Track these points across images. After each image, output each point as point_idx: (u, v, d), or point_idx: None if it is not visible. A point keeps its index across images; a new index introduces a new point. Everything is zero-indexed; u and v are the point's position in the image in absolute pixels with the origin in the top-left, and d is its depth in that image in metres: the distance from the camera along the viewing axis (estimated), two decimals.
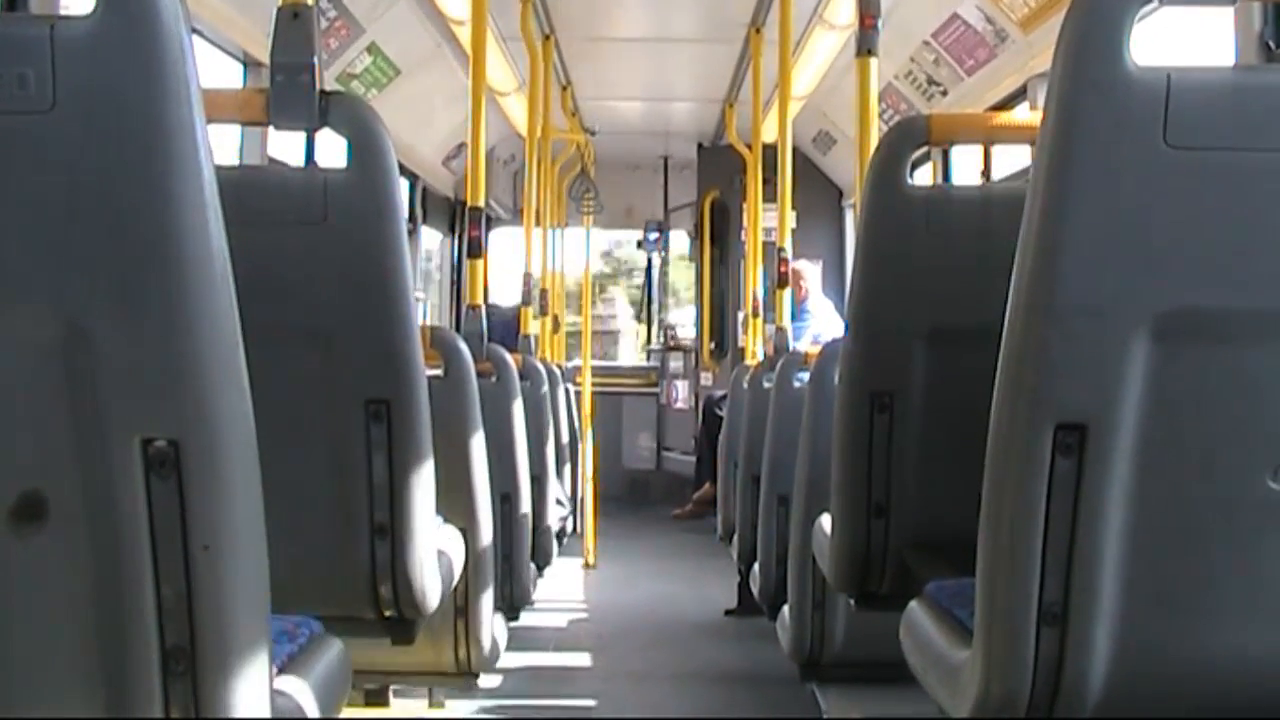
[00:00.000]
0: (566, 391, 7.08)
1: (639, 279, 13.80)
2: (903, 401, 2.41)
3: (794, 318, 6.47)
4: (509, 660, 3.85)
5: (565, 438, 6.51)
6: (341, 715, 1.82)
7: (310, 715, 1.64)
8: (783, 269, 5.94)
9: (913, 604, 2.03)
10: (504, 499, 4.08)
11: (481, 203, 4.71)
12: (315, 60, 2.15)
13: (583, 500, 8.11)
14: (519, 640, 5.05)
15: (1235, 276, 1.48)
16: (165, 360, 1.30)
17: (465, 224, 4.81)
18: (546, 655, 5.48)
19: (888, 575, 2.48)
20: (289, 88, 2.15)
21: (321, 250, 2.17)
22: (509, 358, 4.14)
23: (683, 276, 12.70)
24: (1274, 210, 1.46)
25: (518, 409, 4.11)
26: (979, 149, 6.06)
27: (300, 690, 1.63)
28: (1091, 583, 1.51)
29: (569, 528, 6.98)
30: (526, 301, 6.81)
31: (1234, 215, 1.47)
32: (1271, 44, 3.38)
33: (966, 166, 6.81)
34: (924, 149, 2.52)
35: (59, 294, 1.29)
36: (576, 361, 9.56)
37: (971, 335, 1.89)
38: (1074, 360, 1.47)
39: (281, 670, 1.63)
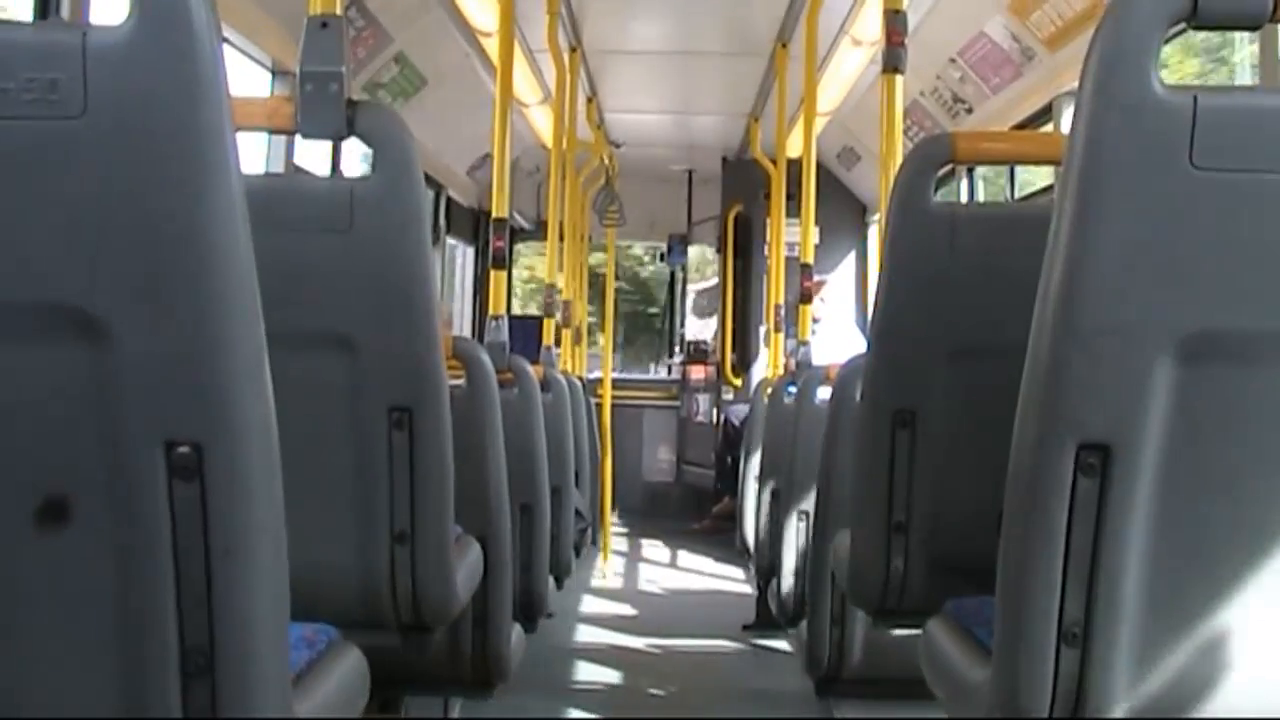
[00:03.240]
0: (588, 403, 7.09)
1: None
2: (924, 419, 2.40)
3: None
4: (525, 671, 3.85)
5: (585, 449, 6.52)
6: None
7: None
8: (805, 284, 5.93)
9: (931, 622, 2.02)
10: (524, 509, 4.08)
11: (505, 213, 4.72)
12: (344, 70, 2.16)
13: (602, 512, 8.10)
14: (535, 650, 5.06)
15: (1261, 299, 1.47)
16: (190, 365, 1.31)
17: (489, 234, 4.82)
18: (563, 666, 5.48)
19: (907, 592, 2.47)
20: (317, 97, 2.16)
21: (346, 258, 2.18)
22: (530, 368, 4.15)
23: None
24: None
25: (538, 420, 4.12)
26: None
27: (318, 697, 1.63)
28: (1113, 604, 1.51)
29: (587, 539, 6.99)
30: (549, 313, 6.82)
31: (1260, 237, 1.46)
32: None
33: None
34: (949, 167, 2.51)
35: (88, 297, 1.30)
36: (598, 373, 9.57)
37: (994, 353, 1.89)
38: (1097, 381, 1.47)
39: (299, 677, 1.63)
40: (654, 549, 9.39)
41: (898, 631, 2.59)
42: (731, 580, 8.04)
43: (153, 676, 1.35)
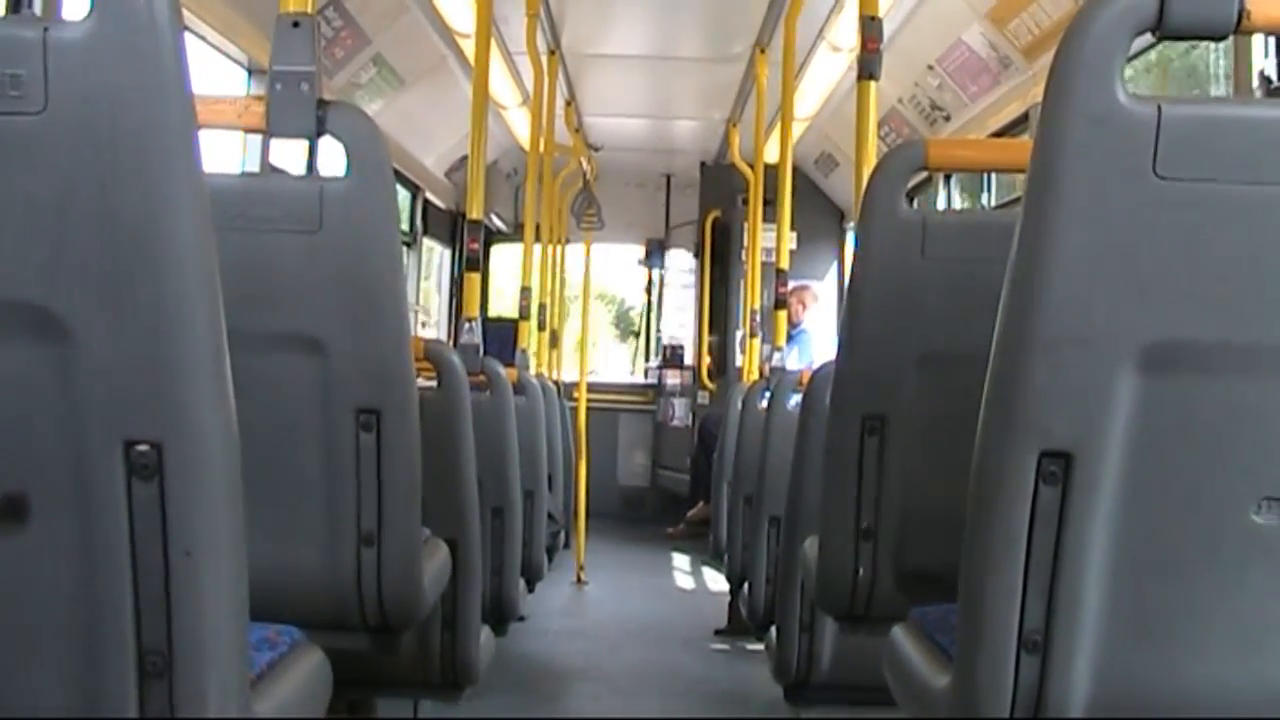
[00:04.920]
0: (562, 407, 7.09)
1: None
2: (894, 425, 2.40)
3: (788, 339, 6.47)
4: (496, 674, 3.85)
5: (560, 453, 6.53)
6: None
7: None
8: (780, 290, 5.93)
9: (896, 629, 2.02)
10: (495, 513, 4.08)
11: (480, 215, 4.71)
12: (315, 69, 2.15)
13: (575, 516, 8.10)
14: (506, 654, 5.05)
15: (1224, 309, 1.48)
16: (150, 363, 1.31)
17: (465, 236, 4.81)
18: (534, 670, 5.47)
19: (875, 599, 2.48)
20: (288, 96, 2.15)
21: (317, 259, 2.17)
22: (503, 371, 4.14)
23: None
24: (1264, 243, 1.47)
25: (511, 423, 4.11)
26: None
27: (278, 697, 1.62)
28: (1073, 611, 1.51)
29: (560, 543, 6.98)
30: (524, 315, 6.82)
31: (1223, 248, 1.47)
32: (1273, 78, 3.39)
33: None
34: (924, 174, 2.51)
35: (47, 295, 1.29)
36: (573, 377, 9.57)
37: (963, 361, 1.89)
38: (1059, 389, 1.47)
39: (260, 677, 1.62)
40: (627, 553, 9.39)
41: (867, 638, 2.59)
42: (704, 585, 8.04)
43: (110, 677, 1.35)
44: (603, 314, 15.64)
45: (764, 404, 4.84)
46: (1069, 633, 1.51)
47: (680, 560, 9.07)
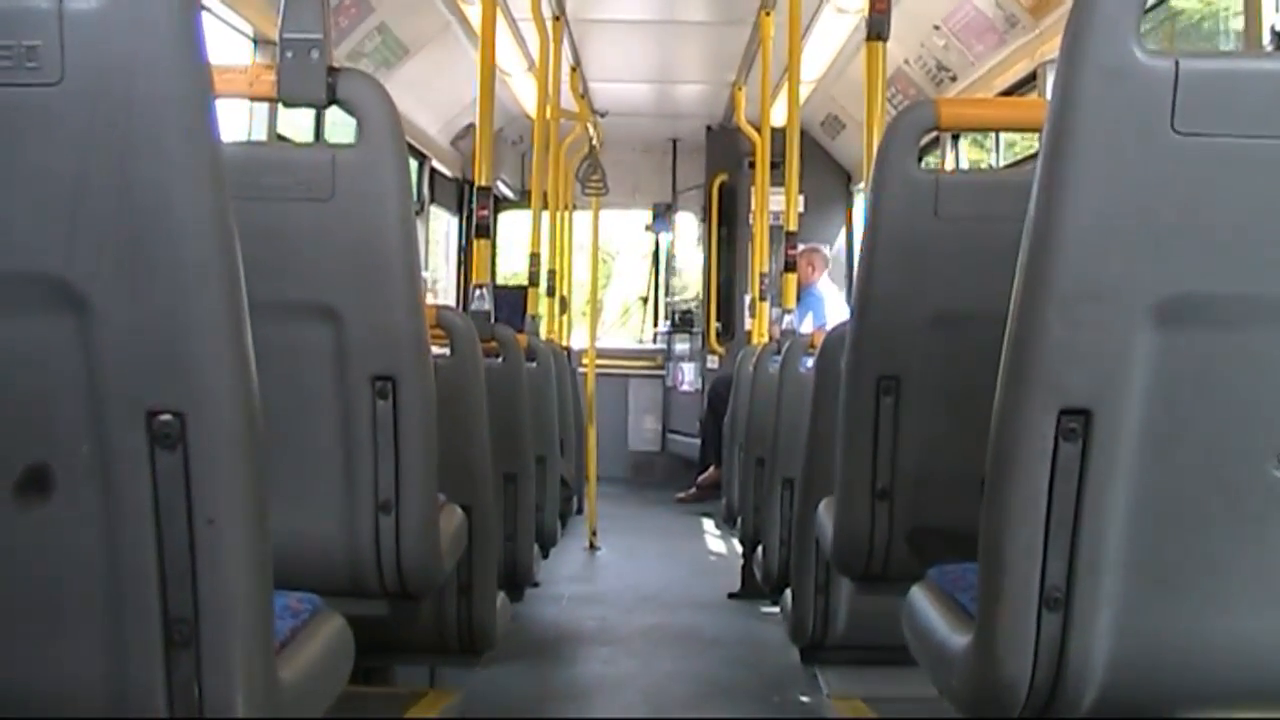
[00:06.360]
0: (572, 372, 7.09)
1: None
2: (908, 385, 2.41)
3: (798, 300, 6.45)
4: (512, 639, 3.86)
5: (570, 419, 6.52)
6: (343, 691, 1.83)
7: (312, 690, 1.65)
8: (789, 252, 5.92)
9: (914, 588, 2.03)
10: (508, 479, 4.09)
11: (489, 182, 4.71)
12: (324, 36, 2.15)
13: (586, 482, 8.11)
14: (522, 620, 5.07)
15: (1241, 262, 1.48)
16: (171, 333, 1.31)
17: (473, 204, 4.81)
18: (549, 635, 5.49)
19: (891, 559, 2.48)
20: (298, 64, 2.15)
21: (329, 227, 2.17)
22: (514, 338, 4.15)
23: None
24: None
25: (522, 389, 4.12)
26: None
27: (302, 665, 1.63)
28: (1094, 568, 1.51)
29: (573, 509, 6.99)
30: (534, 282, 6.81)
31: (1241, 202, 1.46)
32: None
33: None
34: (933, 134, 2.51)
35: (67, 265, 1.29)
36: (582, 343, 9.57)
37: (978, 320, 1.89)
38: (1078, 345, 1.47)
39: (284, 645, 1.63)
40: (639, 518, 9.40)
41: (882, 598, 2.60)
42: (717, 549, 8.06)
43: (136, 647, 1.35)
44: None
45: (774, 367, 4.84)
46: (1090, 589, 1.51)
47: (692, 524, 9.08)
